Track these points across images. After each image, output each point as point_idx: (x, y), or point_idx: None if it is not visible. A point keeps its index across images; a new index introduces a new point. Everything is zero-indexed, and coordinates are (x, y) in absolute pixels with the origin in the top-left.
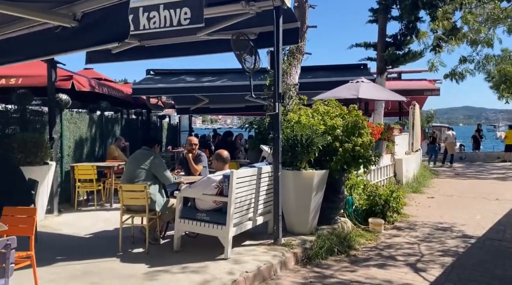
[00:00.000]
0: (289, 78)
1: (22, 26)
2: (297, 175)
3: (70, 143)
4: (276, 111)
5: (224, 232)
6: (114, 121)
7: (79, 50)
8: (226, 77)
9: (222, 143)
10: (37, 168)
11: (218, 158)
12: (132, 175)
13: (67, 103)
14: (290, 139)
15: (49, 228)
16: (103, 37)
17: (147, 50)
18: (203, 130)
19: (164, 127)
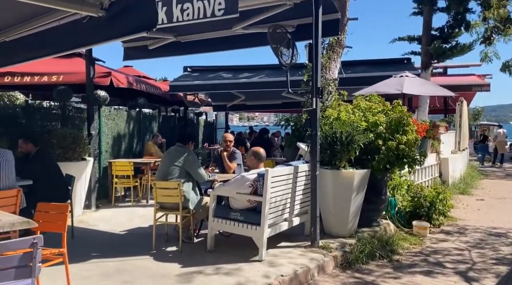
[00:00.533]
0: (328, 73)
1: (52, 18)
2: (336, 175)
3: (108, 139)
4: (313, 107)
5: (258, 233)
6: (152, 117)
7: (107, 41)
8: (263, 73)
9: (258, 140)
10: (75, 164)
11: (253, 156)
12: (166, 172)
13: (105, 100)
14: (329, 136)
15: (86, 224)
16: (130, 26)
17: (183, 46)
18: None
19: (201, 124)
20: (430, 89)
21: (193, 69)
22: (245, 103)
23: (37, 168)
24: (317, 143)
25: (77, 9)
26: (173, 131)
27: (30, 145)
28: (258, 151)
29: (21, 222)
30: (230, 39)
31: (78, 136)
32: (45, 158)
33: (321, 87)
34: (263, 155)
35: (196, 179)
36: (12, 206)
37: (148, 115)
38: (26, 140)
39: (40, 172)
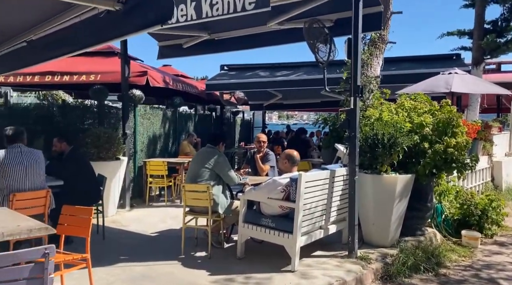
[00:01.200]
0: (370, 70)
1: (73, 14)
2: (377, 180)
3: (144, 139)
4: (352, 106)
5: (291, 241)
6: (188, 117)
7: (123, 37)
8: (302, 71)
9: (294, 140)
10: (109, 163)
11: (286, 159)
12: (195, 174)
13: (140, 99)
14: (369, 138)
15: (118, 224)
16: (145, 20)
17: (218, 43)
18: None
19: (237, 123)
20: (482, 87)
21: (230, 67)
22: (282, 102)
23: (70, 167)
24: (356, 146)
25: (93, 3)
26: (209, 130)
27: (64, 144)
28: (291, 154)
29: (39, 228)
30: (265, 36)
31: (113, 136)
32: (79, 158)
33: (361, 85)
34: (297, 158)
35: (227, 182)
36: (41, 207)
37: (184, 114)
38: (60, 139)
39: (73, 172)
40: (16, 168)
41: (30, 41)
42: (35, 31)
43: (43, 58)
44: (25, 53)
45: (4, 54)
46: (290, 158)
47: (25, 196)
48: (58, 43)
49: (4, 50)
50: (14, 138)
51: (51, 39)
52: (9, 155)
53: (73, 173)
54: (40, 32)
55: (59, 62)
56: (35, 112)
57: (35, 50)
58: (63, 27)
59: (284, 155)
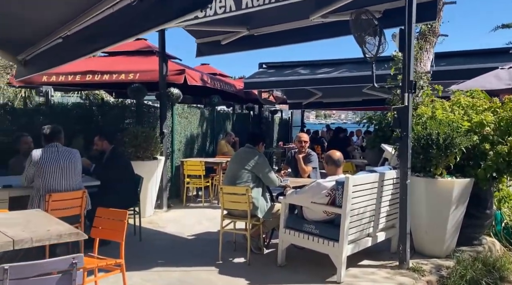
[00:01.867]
0: (420, 65)
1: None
2: (431, 184)
3: (181, 138)
4: (405, 103)
5: (336, 250)
6: (225, 116)
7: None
8: (343, 67)
9: (333, 139)
10: (146, 163)
11: (328, 161)
12: (233, 175)
13: (178, 97)
14: (422, 138)
15: (155, 225)
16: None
17: (257, 39)
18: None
19: (276, 122)
20: None
21: (268, 65)
22: (321, 100)
23: (112, 168)
24: (409, 147)
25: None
26: (247, 130)
27: (105, 143)
28: (333, 155)
29: (69, 233)
30: (306, 30)
31: (150, 135)
32: (120, 158)
33: (414, 81)
34: (341, 159)
35: (267, 184)
36: (77, 208)
37: (221, 113)
38: (101, 138)
39: (115, 172)
40: (52, 168)
41: (66, 37)
42: (69, 26)
43: (79, 53)
44: (61, 50)
45: (41, 52)
46: (331, 160)
47: (61, 196)
48: (93, 37)
49: (41, 48)
50: (51, 137)
51: (86, 33)
52: (45, 154)
53: (115, 174)
54: (75, 27)
55: (99, 62)
56: (75, 111)
57: (70, 46)
58: (96, 20)
59: (326, 157)
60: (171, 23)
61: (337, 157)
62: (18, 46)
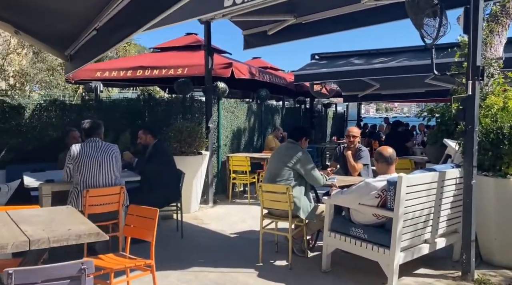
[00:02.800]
0: (490, 50)
1: None
2: (502, 184)
3: (227, 133)
4: (469, 92)
5: (387, 257)
6: (274, 110)
7: None
8: (402, 56)
9: (391, 134)
10: (191, 158)
11: (379, 158)
12: (274, 173)
13: (224, 91)
14: (492, 132)
15: (199, 221)
16: None
17: (305, 27)
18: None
19: (329, 116)
20: None
21: (321, 56)
22: (379, 92)
23: (153, 161)
24: (475, 142)
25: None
26: (297, 124)
27: (149, 137)
28: (383, 151)
29: (89, 234)
30: (358, 15)
31: (195, 130)
32: (164, 152)
33: (481, 67)
34: (393, 156)
35: (310, 183)
36: (115, 204)
37: (270, 107)
38: (145, 131)
39: (158, 167)
40: (90, 163)
41: (99, 28)
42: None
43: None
44: (96, 42)
45: (81, 46)
46: (381, 157)
47: (99, 192)
48: (121, 25)
49: (81, 41)
50: (90, 132)
51: (114, 23)
52: (84, 149)
53: (157, 168)
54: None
55: (150, 58)
56: (122, 106)
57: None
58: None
59: (376, 154)
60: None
61: (388, 154)
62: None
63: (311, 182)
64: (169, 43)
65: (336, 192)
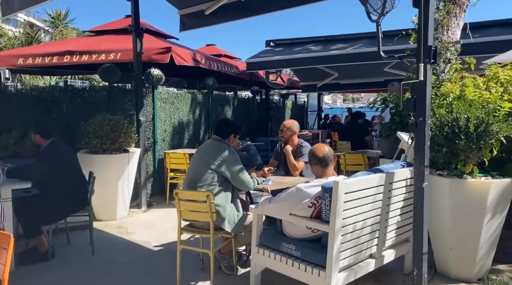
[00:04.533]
0: (446, 34)
1: None
2: (458, 186)
3: (166, 126)
4: (421, 78)
5: (322, 281)
6: (224, 100)
7: None
8: (360, 43)
9: (350, 126)
10: (115, 156)
11: (312, 159)
12: (194, 176)
13: (159, 79)
14: (447, 124)
15: (123, 230)
16: None
17: (247, 6)
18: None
19: (288, 107)
20: None
21: (276, 43)
22: (338, 81)
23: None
24: (426, 137)
25: None
26: (251, 116)
27: (39, 137)
28: (316, 151)
29: None
30: None
31: (119, 123)
32: (55, 153)
33: (434, 47)
34: (328, 156)
35: (238, 187)
36: None
37: (219, 98)
38: (34, 131)
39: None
40: None
41: None
42: None
43: None
44: None
45: None
46: (315, 158)
47: None
48: None
49: None
50: None
51: None
52: None
53: (48, 172)
54: None
55: (81, 42)
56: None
57: None
58: None
59: (309, 155)
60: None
61: (322, 154)
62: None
63: (239, 187)
64: (105, 25)
65: (264, 199)
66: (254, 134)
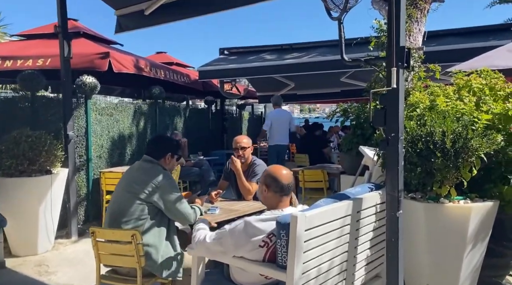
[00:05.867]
0: (409, 39)
1: None
2: (434, 211)
3: (103, 141)
4: (394, 85)
5: None
6: (174, 111)
7: None
8: (316, 51)
9: (307, 139)
10: (34, 179)
11: (270, 183)
12: (118, 209)
13: (93, 88)
14: (419, 139)
15: (41, 269)
16: None
17: (190, 5)
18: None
19: (245, 118)
20: None
21: (230, 51)
22: (295, 92)
23: None
24: (400, 156)
25: None
26: (205, 128)
27: None
28: (278, 176)
29: None
30: None
31: (40, 140)
32: None
33: (407, 49)
34: (291, 184)
35: (177, 221)
36: None
37: (168, 109)
38: None
39: None
40: None
41: None
42: None
43: None
44: None
45: None
46: (276, 183)
47: None
48: None
49: None
50: None
51: None
52: None
53: None
54: None
55: (7, 47)
56: None
57: None
58: None
59: (267, 177)
60: None
61: (287, 181)
62: None
63: (177, 221)
64: (36, 29)
65: (201, 235)
66: (208, 147)
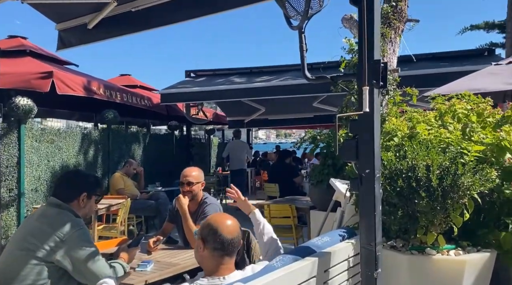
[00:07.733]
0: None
1: None
2: (420, 265)
3: (40, 172)
4: (367, 108)
5: None
6: (132, 137)
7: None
8: (287, 75)
9: (277, 167)
10: None
11: (208, 238)
12: (6, 269)
13: (28, 111)
14: (399, 175)
15: None
16: None
17: (137, 17)
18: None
19: (214, 144)
20: None
21: (197, 74)
22: (266, 117)
23: None
24: (377, 198)
25: None
26: (168, 155)
27: None
28: (222, 230)
29: None
30: None
31: None
32: None
33: (383, 63)
34: (236, 241)
35: None
36: None
37: (124, 135)
38: None
39: None
40: None
41: None
42: None
43: None
44: None
45: None
46: (217, 239)
47: None
48: None
49: None
50: None
51: None
52: None
53: None
54: None
55: None
56: None
57: None
58: None
59: (205, 229)
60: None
61: (231, 237)
62: None
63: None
64: None
65: None
66: (172, 176)
